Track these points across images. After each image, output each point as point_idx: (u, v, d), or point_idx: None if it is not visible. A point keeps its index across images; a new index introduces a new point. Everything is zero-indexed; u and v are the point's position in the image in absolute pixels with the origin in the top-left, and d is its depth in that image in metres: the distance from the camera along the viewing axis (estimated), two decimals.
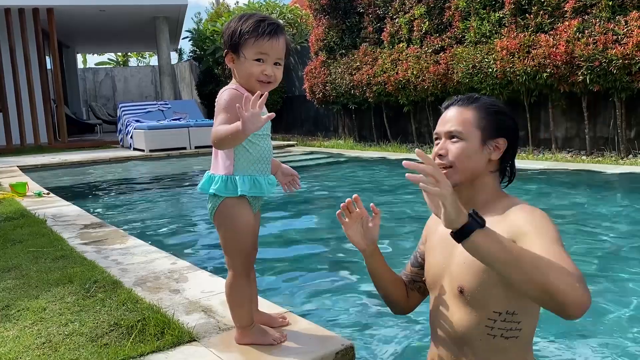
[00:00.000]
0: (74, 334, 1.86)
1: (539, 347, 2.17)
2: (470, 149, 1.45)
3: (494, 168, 1.49)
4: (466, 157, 1.44)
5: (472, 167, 1.45)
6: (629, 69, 6.67)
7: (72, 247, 3.12)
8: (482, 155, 1.46)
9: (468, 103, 1.50)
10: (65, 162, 9.87)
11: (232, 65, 1.59)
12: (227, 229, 1.63)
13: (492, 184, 1.49)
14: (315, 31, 12.59)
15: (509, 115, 1.51)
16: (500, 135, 1.47)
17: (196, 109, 14.13)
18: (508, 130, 1.48)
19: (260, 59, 1.55)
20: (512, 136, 1.49)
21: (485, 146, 1.46)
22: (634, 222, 4.22)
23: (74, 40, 19.53)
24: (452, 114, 1.51)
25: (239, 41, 1.55)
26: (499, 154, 1.47)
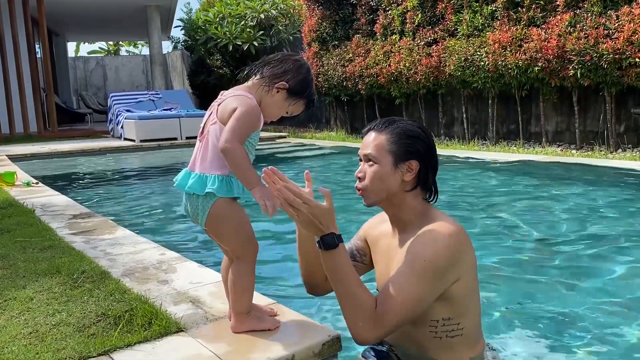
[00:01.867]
0: (61, 324, 1.86)
1: (539, 346, 2.20)
2: (382, 172, 1.57)
3: (410, 187, 1.60)
4: (378, 179, 1.57)
5: (385, 188, 1.58)
6: (620, 63, 6.71)
7: (60, 237, 3.11)
8: (394, 177, 1.58)
9: (383, 128, 1.61)
10: (55, 152, 9.80)
11: (275, 93, 1.62)
12: (230, 225, 1.62)
13: (412, 201, 1.61)
14: (308, 22, 12.54)
15: (422, 138, 1.60)
16: (412, 158, 1.58)
17: (188, 99, 14.05)
18: (419, 153, 1.59)
19: (287, 113, 1.68)
20: (423, 158, 1.59)
21: (397, 169, 1.57)
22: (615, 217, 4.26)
23: (64, 28, 19.33)
24: (369, 139, 1.62)
25: (302, 96, 1.65)
26: (412, 175, 1.59)
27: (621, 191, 5.19)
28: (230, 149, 1.49)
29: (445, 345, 1.56)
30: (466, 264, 1.53)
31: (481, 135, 9.47)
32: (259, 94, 1.62)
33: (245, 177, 1.51)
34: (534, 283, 2.88)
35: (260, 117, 1.61)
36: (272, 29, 15.46)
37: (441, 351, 1.57)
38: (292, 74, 1.62)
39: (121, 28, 20.30)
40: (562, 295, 2.70)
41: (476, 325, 1.62)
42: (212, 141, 1.59)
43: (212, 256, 3.42)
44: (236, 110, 1.54)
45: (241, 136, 1.53)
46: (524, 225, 4.05)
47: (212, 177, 1.57)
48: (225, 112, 1.57)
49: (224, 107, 1.59)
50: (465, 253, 1.53)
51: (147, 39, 17.00)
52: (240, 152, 1.51)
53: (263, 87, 1.62)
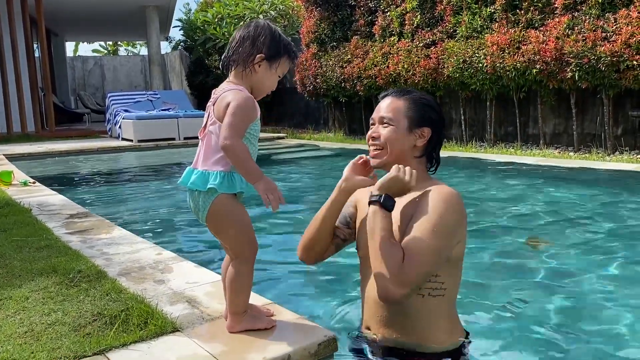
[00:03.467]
0: (56, 323, 1.85)
1: (535, 345, 2.19)
2: (398, 133, 1.68)
3: (419, 154, 1.72)
4: (395, 140, 1.68)
5: (399, 149, 1.68)
6: (617, 66, 6.72)
7: (57, 236, 3.10)
8: (408, 140, 1.69)
9: (400, 95, 1.72)
10: (52, 151, 9.78)
11: (258, 69, 1.62)
12: (230, 222, 1.62)
13: (417, 167, 1.69)
14: (306, 23, 12.54)
15: (436, 108, 1.73)
16: (426, 125, 1.70)
17: (186, 100, 14.05)
18: (432, 122, 1.71)
19: (279, 76, 1.71)
20: (436, 127, 1.72)
21: (412, 133, 1.69)
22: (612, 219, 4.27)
23: (63, 28, 19.31)
24: (385, 103, 1.73)
25: (280, 54, 1.65)
26: (424, 141, 1.71)
27: (613, 192, 5.20)
28: (230, 145, 1.50)
29: (425, 306, 1.61)
30: (465, 228, 1.65)
31: (479, 137, 9.47)
32: (246, 80, 1.63)
33: (248, 171, 1.52)
34: (524, 284, 2.88)
35: (255, 106, 1.60)
36: None
37: (420, 313, 1.61)
38: (260, 42, 1.61)
39: (120, 28, 20.30)
40: (554, 298, 2.70)
41: (456, 292, 1.71)
42: (214, 139, 1.60)
43: (209, 256, 3.42)
44: (229, 105, 1.55)
45: (239, 130, 1.53)
46: (515, 226, 4.06)
47: (215, 173, 1.58)
48: (221, 108, 1.58)
49: (218, 105, 1.60)
50: (465, 217, 1.64)
51: (146, 39, 16.98)
52: (240, 147, 1.52)
53: (244, 73, 1.63)
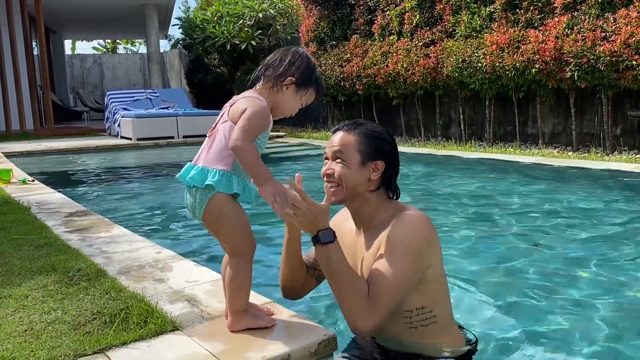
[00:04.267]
0: (56, 321, 1.85)
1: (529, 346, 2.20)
2: (351, 169, 1.68)
3: (375, 187, 1.72)
4: (348, 176, 1.68)
5: (353, 185, 1.68)
6: (616, 66, 6.73)
7: (56, 235, 3.10)
8: (362, 175, 1.69)
9: (352, 129, 1.72)
10: (51, 149, 9.77)
11: (285, 90, 1.66)
12: (227, 221, 1.62)
13: (375, 199, 1.72)
14: (305, 22, 12.54)
15: (388, 140, 1.74)
16: (379, 158, 1.70)
17: (185, 98, 14.04)
18: (385, 153, 1.71)
19: (302, 105, 1.73)
20: (389, 158, 1.72)
21: (365, 167, 1.69)
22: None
23: (62, 26, 19.29)
24: (337, 138, 1.73)
25: (310, 84, 1.69)
26: (378, 174, 1.71)
27: (609, 192, 5.21)
28: (241, 147, 1.52)
29: (421, 334, 1.65)
30: (437, 250, 1.65)
31: (478, 137, 9.48)
32: (271, 97, 1.67)
33: (257, 173, 1.53)
34: (525, 284, 2.88)
35: (270, 118, 1.64)
36: (270, 29, 15.45)
37: (418, 339, 1.67)
38: (295, 67, 1.66)
39: (119, 26, 20.28)
40: (554, 297, 2.71)
41: (448, 311, 1.73)
42: (220, 137, 1.61)
43: (209, 255, 3.42)
44: (246, 111, 1.57)
45: (251, 135, 1.55)
46: (513, 226, 4.06)
47: (214, 171, 1.58)
48: (237, 112, 1.60)
49: (235, 108, 1.62)
50: (435, 239, 1.65)
51: (145, 38, 16.95)
52: (250, 149, 1.53)
53: (272, 90, 1.66)
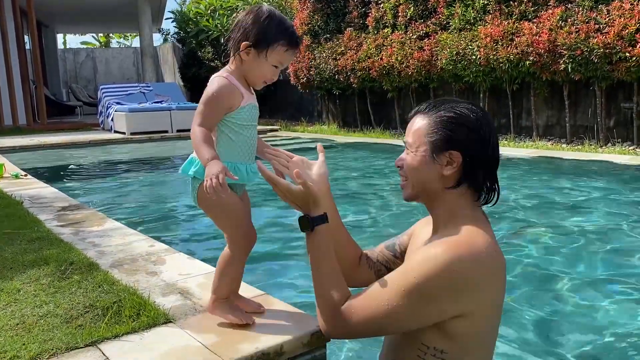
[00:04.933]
0: (48, 315, 1.84)
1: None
2: (418, 162, 1.36)
3: (452, 183, 1.35)
4: (414, 170, 1.37)
5: (421, 180, 1.37)
6: (610, 58, 6.74)
7: (48, 229, 3.08)
8: (431, 170, 1.35)
9: (429, 110, 1.38)
10: (44, 144, 9.72)
11: (246, 57, 1.54)
12: (214, 207, 1.62)
13: (454, 201, 1.36)
14: (299, 15, 12.49)
15: (469, 124, 1.32)
16: (454, 148, 1.32)
17: (178, 92, 13.98)
18: (462, 143, 1.32)
19: (276, 66, 1.56)
20: (470, 149, 1.32)
21: (435, 160, 1.34)
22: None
23: (54, 19, 19.14)
24: (411, 122, 1.42)
25: (269, 42, 1.51)
26: (452, 169, 1.33)
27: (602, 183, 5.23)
28: (191, 132, 1.50)
29: None
30: (479, 300, 1.26)
31: None
32: (238, 69, 1.57)
33: (200, 156, 1.47)
34: (515, 276, 2.90)
35: (233, 95, 1.54)
36: None
37: None
38: (246, 29, 1.52)
39: (111, 20, 20.14)
40: (542, 289, 2.72)
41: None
42: None
43: (202, 248, 3.42)
44: (207, 89, 1.54)
45: (205, 118, 1.50)
46: (508, 215, 4.07)
47: (197, 160, 1.57)
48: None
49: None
50: (480, 286, 1.24)
51: (138, 31, 16.85)
52: (196, 132, 1.49)
53: (234, 61, 1.57)
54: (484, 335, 1.32)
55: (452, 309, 1.24)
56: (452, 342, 1.28)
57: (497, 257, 1.27)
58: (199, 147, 1.46)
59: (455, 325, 1.26)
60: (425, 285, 1.22)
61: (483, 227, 1.29)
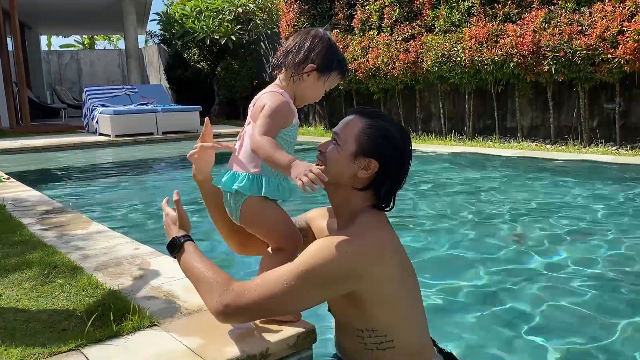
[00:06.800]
0: (31, 320, 1.82)
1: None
2: (339, 156, 1.50)
3: (360, 186, 1.51)
4: (334, 161, 1.51)
5: (336, 172, 1.50)
6: (593, 59, 6.82)
7: (31, 232, 3.05)
8: (349, 167, 1.50)
9: (368, 115, 1.53)
10: (27, 147, 9.61)
11: (306, 78, 1.58)
12: (263, 222, 1.60)
13: (357, 201, 1.53)
14: (285, 16, 12.48)
15: (397, 144, 1.50)
16: (375, 157, 1.48)
17: (164, 94, 13.90)
18: (384, 157, 1.48)
19: (326, 90, 1.67)
20: (388, 164, 1.49)
21: (355, 161, 1.49)
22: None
23: (37, 21, 18.93)
24: (346, 119, 1.56)
25: (332, 69, 1.60)
26: (366, 174, 1.49)
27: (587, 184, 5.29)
28: (257, 142, 1.48)
29: (382, 358, 1.50)
30: (373, 279, 1.42)
31: (458, 131, 9.54)
32: (291, 86, 1.60)
33: (276, 162, 1.44)
34: (500, 273, 2.92)
35: (291, 112, 1.58)
36: (249, 23, 15.36)
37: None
38: (315, 52, 1.57)
39: (96, 21, 19.97)
40: (530, 288, 2.74)
41: (413, 340, 1.54)
42: (247, 141, 1.58)
43: None
44: (264, 108, 1.52)
45: (268, 130, 1.50)
46: (494, 217, 4.10)
47: (242, 175, 1.56)
48: (257, 111, 1.56)
49: (256, 106, 1.57)
50: (370, 268, 1.41)
51: (123, 33, 16.73)
52: (266, 141, 1.47)
53: (292, 78, 1.58)
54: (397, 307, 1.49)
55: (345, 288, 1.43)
56: (373, 320, 1.47)
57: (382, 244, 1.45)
58: (273, 154, 1.44)
59: (365, 303, 1.45)
60: (323, 270, 1.38)
61: (378, 226, 1.48)
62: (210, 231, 3.60)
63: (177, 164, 8.38)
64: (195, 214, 3.89)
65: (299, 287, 1.40)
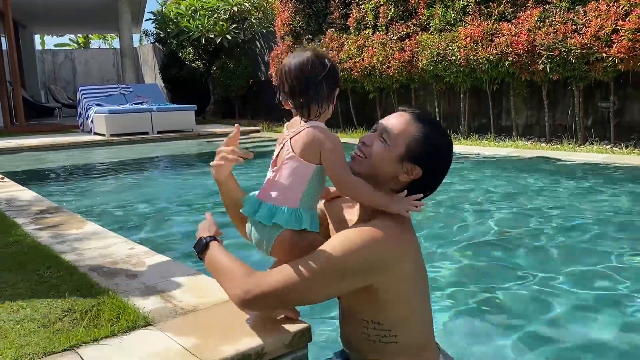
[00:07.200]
0: (25, 320, 1.81)
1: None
2: (388, 156, 1.49)
3: (398, 188, 1.52)
4: (381, 160, 1.49)
5: (378, 171, 1.50)
6: (587, 58, 6.84)
7: (26, 232, 3.03)
8: (392, 168, 1.49)
9: (420, 120, 1.51)
10: (22, 147, 9.57)
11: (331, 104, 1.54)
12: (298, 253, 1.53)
13: None
14: (281, 15, 12.47)
15: (444, 157, 1.52)
16: (421, 165, 1.49)
17: (159, 93, 13.86)
18: (430, 167, 1.50)
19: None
20: (431, 174, 1.51)
21: (402, 164, 1.49)
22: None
23: (31, 20, 18.84)
24: (397, 119, 1.52)
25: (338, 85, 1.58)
26: (408, 178, 1.50)
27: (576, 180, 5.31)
28: (351, 184, 1.48)
29: (380, 351, 1.51)
30: (393, 275, 1.44)
31: (453, 129, 9.56)
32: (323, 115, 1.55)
33: (375, 202, 1.47)
34: (497, 273, 2.92)
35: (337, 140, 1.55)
36: (245, 22, 15.33)
37: (380, 357, 1.52)
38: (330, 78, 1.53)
39: (91, 20, 19.89)
40: (522, 287, 2.75)
41: (417, 339, 1.55)
42: (286, 174, 1.53)
43: (182, 250, 3.39)
44: (326, 144, 1.48)
45: (346, 166, 1.50)
46: (486, 216, 4.11)
47: (282, 209, 1.52)
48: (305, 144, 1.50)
49: (302, 140, 1.51)
50: (393, 263, 1.43)
51: (118, 32, 16.68)
52: (360, 183, 1.48)
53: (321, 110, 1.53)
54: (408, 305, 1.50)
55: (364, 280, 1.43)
56: (381, 313, 1.48)
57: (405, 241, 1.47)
58: (372, 193, 1.47)
59: (379, 297, 1.45)
60: (344, 261, 1.39)
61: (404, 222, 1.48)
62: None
63: (173, 164, 8.37)
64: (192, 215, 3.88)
65: (323, 276, 1.41)
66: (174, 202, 5.06)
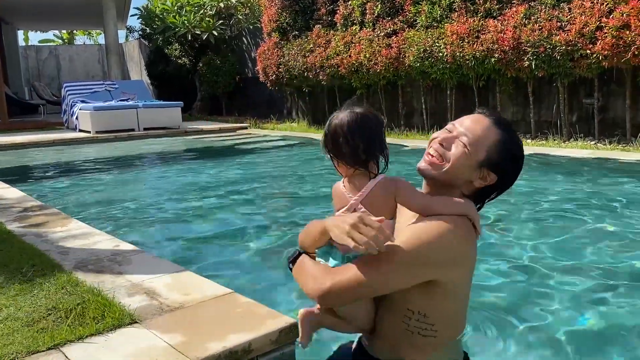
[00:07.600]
0: (8, 318, 1.80)
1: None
2: (467, 161, 1.46)
3: (469, 192, 1.51)
4: (460, 165, 1.46)
5: (456, 175, 1.47)
6: (572, 55, 6.90)
7: (9, 230, 3.00)
8: (469, 172, 1.47)
9: (502, 126, 1.50)
10: (5, 144, 9.44)
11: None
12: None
13: None
14: (267, 11, 12.43)
15: (518, 166, 1.52)
16: (496, 173, 1.48)
17: (145, 90, 13.76)
18: (506, 176, 1.51)
19: None
20: (504, 181, 1.52)
21: (479, 169, 1.47)
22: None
23: (14, 15, 18.58)
24: (480, 121, 1.50)
25: None
26: (482, 184, 1.49)
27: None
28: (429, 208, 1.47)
29: (414, 343, 1.48)
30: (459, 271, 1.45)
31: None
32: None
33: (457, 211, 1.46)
34: (490, 271, 2.95)
35: None
36: (231, 18, 15.25)
37: (410, 349, 1.49)
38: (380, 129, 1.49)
39: (75, 15, 19.65)
40: (506, 283, 2.77)
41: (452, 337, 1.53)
42: None
43: (168, 248, 3.38)
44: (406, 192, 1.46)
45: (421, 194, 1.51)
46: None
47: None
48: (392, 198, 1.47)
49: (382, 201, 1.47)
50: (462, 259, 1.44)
51: (103, 28, 16.51)
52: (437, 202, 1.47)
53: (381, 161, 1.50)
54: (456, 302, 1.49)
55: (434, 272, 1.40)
56: (431, 306, 1.44)
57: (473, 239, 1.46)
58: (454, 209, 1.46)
59: (435, 290, 1.42)
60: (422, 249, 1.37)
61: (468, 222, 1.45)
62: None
63: (158, 161, 8.31)
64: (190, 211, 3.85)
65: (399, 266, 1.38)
66: (160, 199, 5.03)
